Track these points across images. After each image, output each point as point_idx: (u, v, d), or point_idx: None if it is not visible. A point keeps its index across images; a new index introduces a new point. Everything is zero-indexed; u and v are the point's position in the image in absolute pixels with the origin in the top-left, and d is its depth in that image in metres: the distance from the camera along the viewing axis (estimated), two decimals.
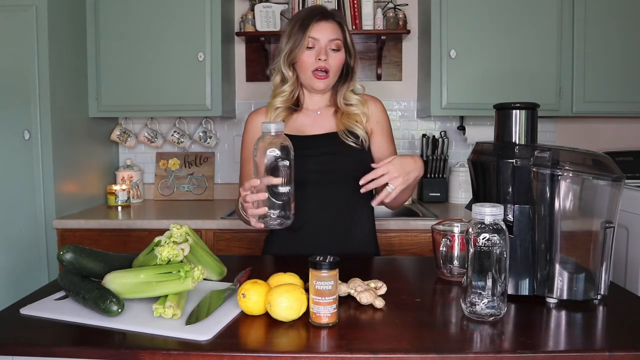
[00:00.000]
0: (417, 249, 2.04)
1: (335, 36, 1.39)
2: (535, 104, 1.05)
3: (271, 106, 1.45)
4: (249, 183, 1.07)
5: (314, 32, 1.37)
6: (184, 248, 1.02)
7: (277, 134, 1.05)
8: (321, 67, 1.37)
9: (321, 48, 1.37)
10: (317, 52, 1.37)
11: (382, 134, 1.47)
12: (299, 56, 1.38)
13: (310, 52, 1.38)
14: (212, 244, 2.06)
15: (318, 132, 1.44)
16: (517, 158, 1.00)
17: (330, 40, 1.38)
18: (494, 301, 0.90)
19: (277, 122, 1.08)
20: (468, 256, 0.92)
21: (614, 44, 2.27)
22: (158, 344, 0.83)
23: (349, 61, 1.44)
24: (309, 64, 1.38)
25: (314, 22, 1.38)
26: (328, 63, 1.38)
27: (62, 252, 1.01)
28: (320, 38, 1.37)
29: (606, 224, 0.98)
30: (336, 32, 1.39)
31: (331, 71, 1.39)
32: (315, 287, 0.89)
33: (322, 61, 1.37)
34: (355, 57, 1.45)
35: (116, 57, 2.35)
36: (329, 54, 1.38)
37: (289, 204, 1.08)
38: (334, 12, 1.43)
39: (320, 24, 1.38)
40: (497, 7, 2.26)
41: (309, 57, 1.38)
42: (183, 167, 2.71)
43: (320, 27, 1.38)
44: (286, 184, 1.06)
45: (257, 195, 1.07)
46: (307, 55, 1.38)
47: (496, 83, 2.27)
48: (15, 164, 2.06)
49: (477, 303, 0.91)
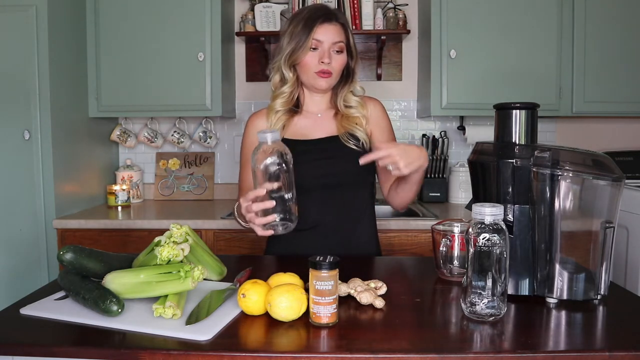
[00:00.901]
0: (417, 249, 2.04)
1: (339, 39, 1.37)
2: (535, 104, 1.05)
3: (271, 110, 1.43)
4: (253, 193, 1.07)
5: (318, 34, 1.35)
6: (184, 248, 1.02)
7: (274, 142, 1.06)
8: (324, 70, 1.36)
9: (324, 51, 1.36)
10: (320, 54, 1.36)
11: (383, 134, 1.47)
12: (301, 57, 1.36)
13: (314, 53, 1.36)
14: (212, 244, 2.06)
15: (319, 135, 1.43)
16: (517, 158, 1.00)
17: (334, 43, 1.36)
18: (494, 301, 0.90)
19: (273, 130, 1.08)
20: (468, 256, 0.92)
21: (614, 44, 2.27)
22: (158, 344, 0.83)
23: (350, 63, 1.43)
24: (312, 66, 1.37)
25: (319, 23, 1.35)
26: (331, 65, 1.36)
27: (62, 252, 1.01)
28: (324, 40, 1.35)
29: (606, 224, 0.98)
30: (340, 35, 1.38)
31: (334, 73, 1.38)
32: (315, 287, 0.89)
33: (325, 64, 1.36)
34: (357, 59, 1.44)
35: (116, 57, 2.35)
36: (332, 56, 1.37)
37: (292, 208, 1.08)
38: (338, 13, 1.41)
39: (324, 26, 1.35)
40: (497, 7, 2.26)
41: (312, 59, 1.36)
42: (183, 167, 2.71)
43: (325, 29, 1.35)
44: (288, 189, 1.07)
45: (263, 204, 1.07)
46: (310, 56, 1.36)
47: (496, 83, 2.27)
48: (15, 164, 2.06)
49: (477, 303, 0.91)
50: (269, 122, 1.43)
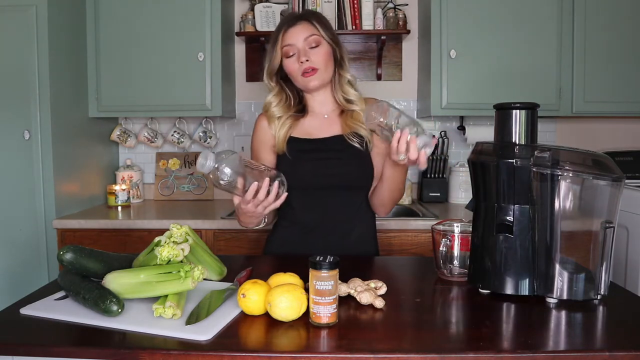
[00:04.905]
0: (417, 249, 2.04)
1: (309, 33, 1.38)
2: (535, 104, 1.05)
3: (272, 117, 1.45)
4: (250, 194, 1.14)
5: (286, 40, 1.38)
6: (184, 248, 1.02)
7: (212, 169, 1.11)
8: (306, 69, 1.37)
9: (299, 50, 1.37)
10: (297, 57, 1.38)
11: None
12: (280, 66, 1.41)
13: (292, 59, 1.38)
14: (212, 244, 2.06)
15: (324, 135, 1.44)
16: (517, 158, 1.00)
17: (305, 39, 1.37)
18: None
19: (206, 157, 1.11)
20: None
21: (614, 44, 2.27)
22: (158, 344, 0.83)
23: (337, 52, 1.42)
24: (295, 70, 1.39)
25: (283, 31, 1.39)
26: (312, 62, 1.37)
27: (62, 252, 1.01)
28: (294, 42, 1.38)
29: (606, 224, 0.98)
30: (308, 29, 1.38)
31: (319, 67, 1.38)
32: (315, 287, 0.89)
33: (305, 63, 1.37)
34: (341, 46, 1.44)
35: (116, 57, 2.35)
36: (309, 52, 1.38)
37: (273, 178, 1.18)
38: (305, 14, 1.43)
39: (290, 30, 1.39)
40: (497, 7, 2.26)
41: (292, 65, 1.39)
42: (183, 167, 2.71)
43: (291, 33, 1.38)
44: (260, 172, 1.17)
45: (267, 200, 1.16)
46: (290, 63, 1.39)
47: (496, 83, 2.27)
48: (15, 164, 2.06)
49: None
50: (272, 129, 1.44)
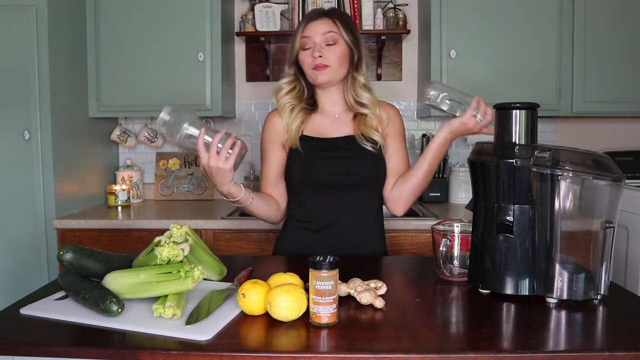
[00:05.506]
0: (417, 249, 2.04)
1: (327, 29, 1.39)
2: (535, 104, 1.05)
3: (283, 108, 1.45)
4: (201, 142, 1.16)
5: (306, 32, 1.40)
6: (184, 248, 1.02)
7: (173, 123, 1.15)
8: (318, 64, 1.38)
9: (315, 45, 1.39)
10: (312, 50, 1.39)
11: (396, 138, 1.48)
12: (298, 57, 1.42)
13: (307, 51, 1.40)
14: (212, 244, 2.06)
15: (336, 134, 1.45)
16: (517, 158, 1.00)
17: (323, 34, 1.39)
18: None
19: (168, 112, 1.15)
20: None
21: (614, 44, 2.27)
22: (158, 344, 0.83)
23: (354, 54, 1.42)
24: (308, 63, 1.40)
25: (305, 23, 1.42)
26: (326, 59, 1.38)
27: (62, 252, 1.01)
28: (312, 35, 1.40)
29: (606, 224, 0.98)
30: (328, 26, 1.40)
31: (332, 65, 1.39)
32: (315, 287, 0.89)
33: (317, 58, 1.38)
34: (360, 50, 1.43)
35: (116, 57, 2.35)
36: (325, 49, 1.39)
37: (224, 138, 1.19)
38: (330, 10, 1.44)
39: (312, 23, 1.41)
40: (497, 7, 2.26)
41: (306, 57, 1.41)
42: (183, 167, 2.71)
43: (312, 26, 1.40)
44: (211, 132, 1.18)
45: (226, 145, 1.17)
46: (304, 55, 1.41)
47: (496, 83, 2.27)
48: (15, 164, 2.06)
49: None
50: (283, 119, 1.44)
